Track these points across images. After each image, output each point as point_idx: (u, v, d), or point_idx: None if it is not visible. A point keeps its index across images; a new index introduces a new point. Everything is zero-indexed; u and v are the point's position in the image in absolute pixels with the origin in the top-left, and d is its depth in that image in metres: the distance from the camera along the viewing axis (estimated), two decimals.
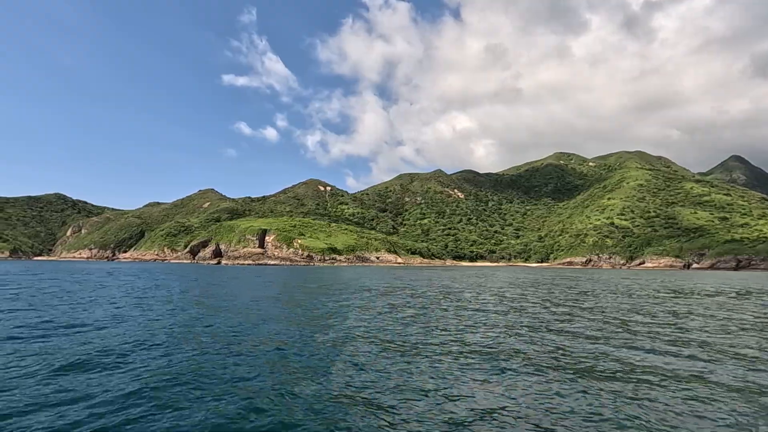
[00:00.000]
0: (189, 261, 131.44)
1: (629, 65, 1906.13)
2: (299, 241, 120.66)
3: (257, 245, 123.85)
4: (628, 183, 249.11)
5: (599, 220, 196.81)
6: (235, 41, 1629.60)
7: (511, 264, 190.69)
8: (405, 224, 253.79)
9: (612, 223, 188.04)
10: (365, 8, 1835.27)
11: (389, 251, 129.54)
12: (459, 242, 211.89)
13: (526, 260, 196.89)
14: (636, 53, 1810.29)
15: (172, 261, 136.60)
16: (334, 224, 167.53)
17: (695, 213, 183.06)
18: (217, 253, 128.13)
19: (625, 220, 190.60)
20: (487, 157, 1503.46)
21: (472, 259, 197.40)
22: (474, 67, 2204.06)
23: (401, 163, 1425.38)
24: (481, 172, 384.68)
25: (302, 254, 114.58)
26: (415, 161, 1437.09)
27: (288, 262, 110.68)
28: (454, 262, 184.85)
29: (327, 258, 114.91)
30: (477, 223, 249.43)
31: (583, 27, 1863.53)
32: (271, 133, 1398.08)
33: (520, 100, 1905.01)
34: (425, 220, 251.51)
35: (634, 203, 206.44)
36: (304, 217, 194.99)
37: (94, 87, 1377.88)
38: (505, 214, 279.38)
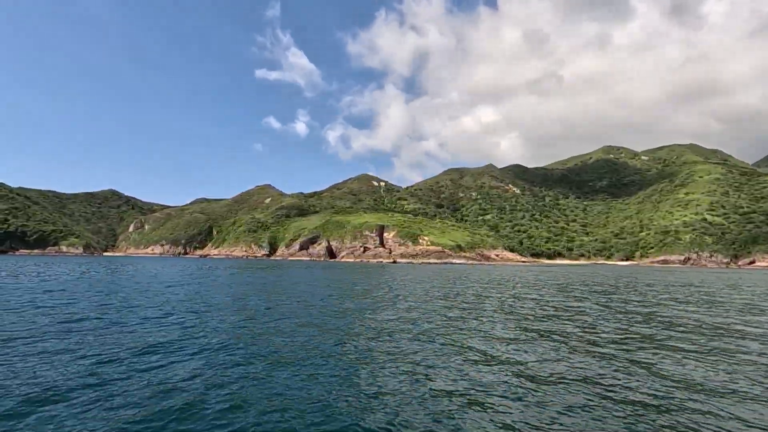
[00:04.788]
0: (307, 258, 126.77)
1: (672, 53, 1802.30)
2: (426, 237, 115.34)
3: (377, 242, 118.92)
4: (701, 177, 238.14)
5: (686, 216, 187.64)
6: (260, 36, 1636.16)
7: (594, 262, 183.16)
8: (466, 220, 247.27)
9: (704, 219, 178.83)
10: (398, 0, 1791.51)
11: (506, 249, 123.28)
12: (533, 239, 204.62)
13: (608, 258, 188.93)
14: (681, 40, 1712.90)
15: (290, 258, 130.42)
16: (437, 220, 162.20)
17: None
18: (330, 250, 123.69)
19: (717, 216, 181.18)
20: (512, 151, 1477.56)
21: (549, 257, 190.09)
22: (508, 57, 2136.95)
23: (425, 158, 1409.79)
24: (502, 166, 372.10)
25: (434, 251, 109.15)
26: (438, 155, 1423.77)
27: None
28: (534, 260, 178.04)
29: (456, 255, 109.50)
30: (541, 220, 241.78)
31: (629, 14, 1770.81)
32: (297, 128, 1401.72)
33: (556, 90, 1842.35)
34: (488, 216, 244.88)
35: (721, 198, 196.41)
36: (375, 212, 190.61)
37: (126, 85, 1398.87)
38: (564, 209, 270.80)
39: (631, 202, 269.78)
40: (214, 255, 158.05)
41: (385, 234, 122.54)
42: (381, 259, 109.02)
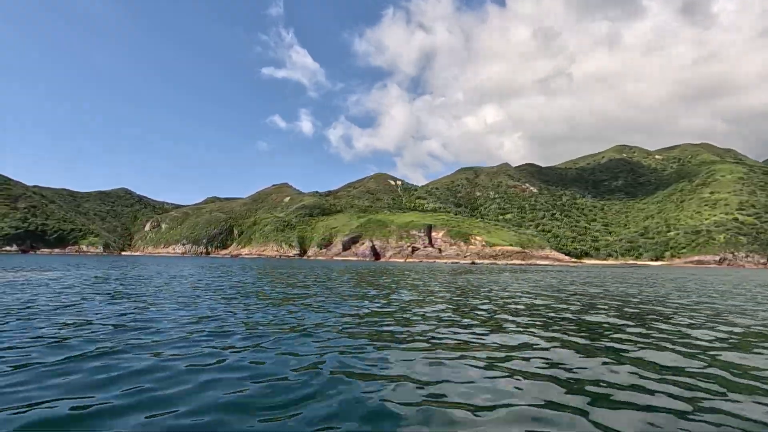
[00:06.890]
0: (354, 258, 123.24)
1: (682, 53, 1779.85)
2: (479, 237, 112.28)
3: (426, 242, 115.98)
4: (723, 176, 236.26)
5: (716, 216, 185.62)
6: (263, 35, 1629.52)
7: (623, 262, 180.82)
8: (485, 219, 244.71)
9: (735, 219, 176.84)
10: None
11: (555, 249, 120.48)
12: (558, 239, 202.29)
13: (636, 258, 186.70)
14: (691, 39, 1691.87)
15: (334, 258, 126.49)
16: (478, 219, 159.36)
17: None
18: (374, 250, 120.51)
19: (748, 215, 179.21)
20: (516, 151, 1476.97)
21: (577, 257, 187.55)
22: (516, 55, 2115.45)
23: (428, 158, 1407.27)
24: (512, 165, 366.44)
25: (515, 252, 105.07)
26: (441, 156, 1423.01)
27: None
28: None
29: (539, 256, 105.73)
30: (562, 219, 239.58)
31: (641, 13, 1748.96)
32: (303, 126, 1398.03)
33: (565, 88, 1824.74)
34: (508, 215, 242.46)
35: (750, 198, 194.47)
36: (400, 210, 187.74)
37: (130, 87, 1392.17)
38: (582, 209, 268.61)
39: (649, 201, 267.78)
40: (245, 255, 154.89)
41: (433, 234, 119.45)
42: (432, 260, 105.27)
